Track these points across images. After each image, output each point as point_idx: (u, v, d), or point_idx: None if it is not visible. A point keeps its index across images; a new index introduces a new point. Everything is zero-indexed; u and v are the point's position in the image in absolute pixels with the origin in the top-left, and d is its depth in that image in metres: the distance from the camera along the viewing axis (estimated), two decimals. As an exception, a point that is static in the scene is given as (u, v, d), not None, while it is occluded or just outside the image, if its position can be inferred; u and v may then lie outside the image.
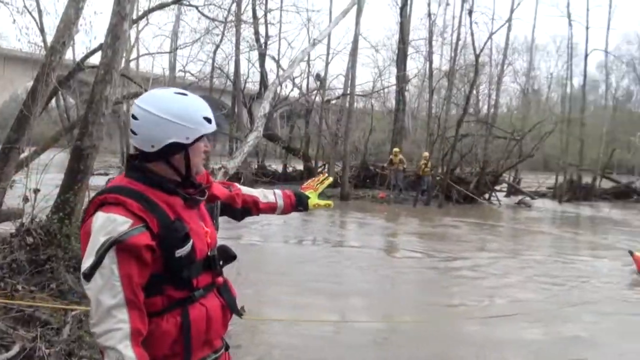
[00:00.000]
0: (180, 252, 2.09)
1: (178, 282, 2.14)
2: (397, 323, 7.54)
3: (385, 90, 33.89)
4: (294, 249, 12.63)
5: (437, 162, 22.58)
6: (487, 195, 24.21)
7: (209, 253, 2.26)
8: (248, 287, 8.03)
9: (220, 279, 2.32)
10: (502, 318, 7.67)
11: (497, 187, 25.83)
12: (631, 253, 11.36)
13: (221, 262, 2.36)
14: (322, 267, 10.73)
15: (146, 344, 2.05)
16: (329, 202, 3.07)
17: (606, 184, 29.85)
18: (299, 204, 2.96)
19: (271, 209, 2.90)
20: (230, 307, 2.34)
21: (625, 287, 10.29)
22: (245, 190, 2.85)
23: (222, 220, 2.64)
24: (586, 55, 32.11)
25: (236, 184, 2.85)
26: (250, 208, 2.83)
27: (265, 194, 2.91)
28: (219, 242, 2.37)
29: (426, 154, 22.82)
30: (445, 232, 16.26)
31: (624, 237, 16.64)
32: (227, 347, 2.44)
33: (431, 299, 8.84)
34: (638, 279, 10.71)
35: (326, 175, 3.19)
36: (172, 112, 2.12)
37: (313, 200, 2.99)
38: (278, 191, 2.97)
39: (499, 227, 18.40)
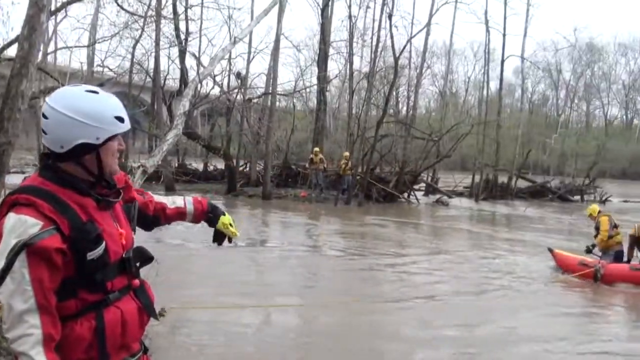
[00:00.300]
0: (92, 254, 2.05)
1: (92, 285, 2.10)
2: (318, 319, 7.65)
3: (307, 90, 34.25)
4: (215, 250, 12.41)
5: (358, 161, 22.89)
6: (406, 194, 24.78)
7: (124, 255, 2.21)
8: (168, 289, 7.79)
9: (136, 282, 2.27)
10: (418, 310, 8.07)
11: (416, 186, 26.51)
12: (551, 250, 11.87)
13: (138, 264, 2.32)
14: (244, 267, 10.69)
15: (61, 349, 2.01)
16: (237, 232, 2.91)
17: (522, 184, 31.08)
18: (211, 211, 2.84)
19: (180, 214, 2.79)
20: (147, 310, 2.30)
21: (542, 281, 10.70)
22: (156, 198, 2.75)
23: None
24: (503, 61, 33.33)
25: (149, 192, 2.76)
26: (159, 216, 2.73)
27: (173, 200, 2.81)
28: (136, 244, 2.33)
29: (347, 153, 23.25)
30: (366, 230, 16.53)
31: (540, 234, 17.49)
32: (145, 350, 2.41)
33: (353, 294, 8.93)
34: (557, 275, 11.22)
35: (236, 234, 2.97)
36: (81, 111, 2.06)
37: (226, 219, 2.85)
38: (189, 197, 2.87)
39: (419, 225, 18.96)
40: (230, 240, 2.90)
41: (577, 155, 36.36)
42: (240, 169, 26.24)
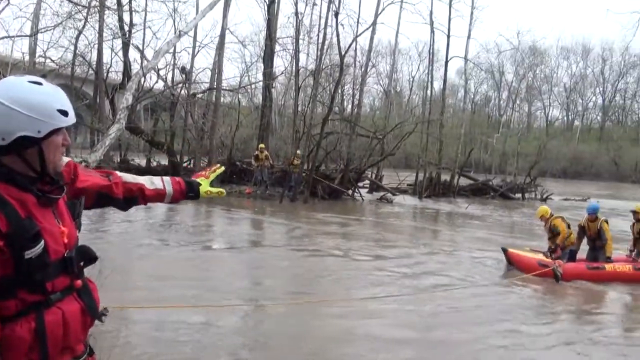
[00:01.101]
0: (30, 253, 1.98)
1: (31, 285, 2.02)
2: (266, 317, 7.68)
3: (252, 86, 34.36)
4: (161, 247, 12.25)
5: (303, 158, 23.18)
6: (350, 191, 25.18)
7: (65, 254, 2.13)
8: (112, 289, 7.45)
9: (79, 282, 2.20)
10: (370, 310, 8.02)
11: (360, 184, 27.00)
12: (505, 250, 12.13)
13: (81, 264, 2.23)
14: (190, 266, 10.56)
15: (2, 351, 1.97)
16: (221, 189, 2.99)
17: (464, 182, 32.01)
18: (190, 190, 2.83)
19: (159, 195, 2.75)
20: (91, 311, 2.24)
21: (495, 281, 10.96)
22: (129, 178, 2.69)
23: (83, 217, 2.43)
24: (446, 62, 34.15)
25: (117, 173, 2.69)
26: (136, 197, 2.68)
27: (152, 181, 2.75)
28: (81, 242, 2.26)
29: (299, 151, 23.43)
30: (311, 227, 16.61)
31: (482, 231, 18.14)
32: (91, 352, 2.35)
33: (299, 291, 9.11)
34: (513, 273, 11.46)
35: (219, 165, 3.08)
36: (23, 102, 2.00)
37: (205, 187, 2.88)
38: (167, 178, 2.82)
39: (364, 221, 19.27)
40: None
41: (518, 155, 37.43)
42: (184, 165, 26.14)
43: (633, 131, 78.33)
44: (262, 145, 24.56)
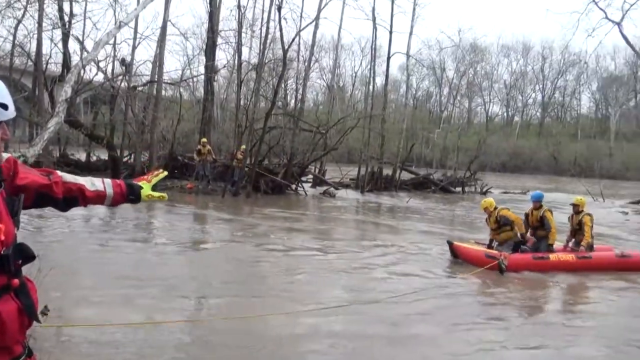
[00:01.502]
0: None
1: None
2: (211, 321, 7.24)
3: (194, 79, 34.19)
4: (102, 245, 11.79)
5: (246, 153, 23.18)
6: (294, 186, 25.38)
7: (2, 252, 2.08)
8: (52, 289, 7.26)
9: (16, 281, 2.15)
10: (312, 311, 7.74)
11: (304, 178, 27.25)
12: (450, 243, 12.35)
13: (19, 262, 2.18)
14: (131, 264, 10.18)
15: None
16: (163, 194, 2.94)
17: (406, 176, 32.60)
18: (131, 193, 2.77)
19: (99, 197, 2.67)
20: (28, 311, 2.19)
21: (439, 272, 11.03)
22: (69, 178, 2.61)
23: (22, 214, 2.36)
24: (389, 57, 34.55)
25: (58, 172, 2.60)
26: (76, 197, 2.59)
27: (93, 182, 2.67)
28: (19, 240, 2.21)
29: (244, 146, 23.41)
30: (255, 222, 16.43)
31: (424, 224, 18.51)
32: (30, 353, 2.30)
33: (243, 293, 8.71)
34: (460, 266, 11.65)
35: (161, 170, 3.04)
36: None
37: (146, 190, 2.83)
38: (107, 179, 2.74)
39: (308, 216, 19.40)
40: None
41: (458, 149, 38.19)
42: (125, 159, 25.89)
43: (572, 127, 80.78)
44: (204, 140, 24.48)
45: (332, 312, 7.51)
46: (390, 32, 32.97)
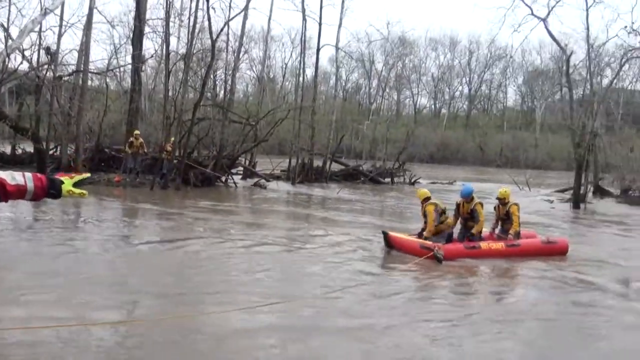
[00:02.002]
0: None
1: None
2: (136, 322, 6.91)
3: (121, 69, 33.67)
4: (24, 242, 11.50)
5: (175, 145, 23.02)
6: (224, 178, 25.37)
7: None
8: None
9: None
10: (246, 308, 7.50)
11: (234, 170, 27.30)
12: (385, 233, 12.59)
13: None
14: (61, 263, 9.75)
15: None
16: (84, 191, 2.94)
17: (336, 167, 33.02)
18: (52, 187, 2.76)
19: (20, 192, 2.65)
20: None
21: (374, 263, 11.32)
22: None
23: None
24: (318, 49, 34.67)
25: None
26: None
27: (13, 176, 2.64)
28: None
29: (172, 138, 23.21)
30: (185, 215, 16.38)
31: (354, 215, 18.94)
32: None
33: (176, 290, 8.50)
34: (390, 255, 12.05)
35: (87, 173, 3.07)
36: None
37: (67, 186, 2.83)
38: (28, 173, 2.71)
39: (239, 208, 19.56)
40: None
41: (387, 141, 38.77)
42: (51, 152, 25.32)
43: (498, 119, 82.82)
44: (137, 132, 24.17)
45: (268, 309, 7.39)
46: (320, 24, 33.20)
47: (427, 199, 12.63)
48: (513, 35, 78.26)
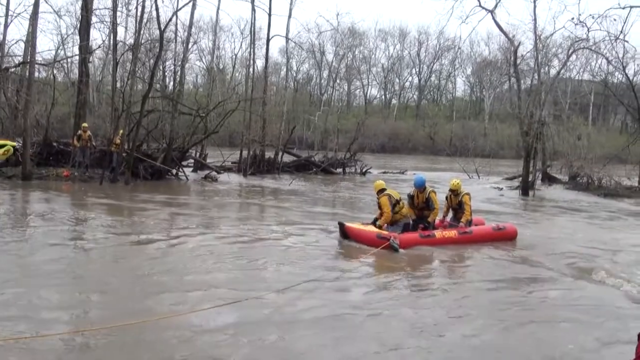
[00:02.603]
0: None
1: None
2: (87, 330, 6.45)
3: (69, 60, 33.14)
4: None
5: (124, 138, 22.77)
6: (174, 171, 25.27)
7: None
8: None
9: None
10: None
11: (184, 163, 27.20)
12: (342, 224, 12.74)
13: None
14: (3, 264, 9.34)
15: None
16: (9, 146, 2.48)
17: (288, 158, 33.19)
18: None
19: None
20: None
21: (331, 255, 11.38)
22: None
23: None
24: (268, 40, 34.63)
25: None
26: None
27: None
28: None
29: (122, 130, 22.92)
30: (135, 210, 16.18)
31: (308, 206, 19.12)
32: None
33: (128, 292, 8.18)
34: (348, 247, 12.13)
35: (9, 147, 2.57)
36: None
37: None
38: None
39: (190, 201, 19.44)
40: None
41: (339, 131, 39.02)
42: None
43: (447, 109, 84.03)
44: (85, 125, 23.91)
45: (226, 309, 7.29)
46: (269, 15, 33.18)
47: (382, 190, 12.86)
48: (461, 27, 79.34)
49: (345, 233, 12.62)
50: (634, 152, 32.25)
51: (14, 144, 22.59)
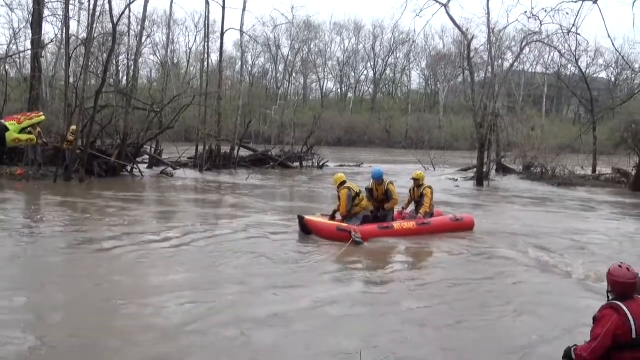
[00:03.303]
0: None
1: None
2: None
3: (21, 55, 32.46)
4: None
5: (77, 134, 22.31)
6: (129, 167, 25.00)
7: None
8: None
9: None
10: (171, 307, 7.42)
11: (139, 159, 26.95)
12: (301, 217, 12.83)
13: None
14: None
15: None
16: (32, 136, 2.61)
17: (244, 153, 33.10)
18: None
19: None
20: None
21: (290, 251, 11.34)
22: None
23: None
24: (222, 33, 34.37)
25: None
26: None
27: None
28: None
29: (74, 127, 22.49)
30: (90, 209, 15.70)
31: (265, 200, 19.24)
32: None
33: (84, 296, 7.92)
34: (308, 240, 12.29)
35: (40, 113, 2.67)
36: None
37: (13, 134, 2.53)
38: None
39: (145, 198, 19.42)
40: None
41: (295, 125, 39.06)
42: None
43: (403, 102, 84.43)
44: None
45: (195, 309, 7.30)
46: (223, 8, 32.94)
47: (343, 183, 12.99)
48: (416, 20, 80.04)
49: (305, 226, 12.71)
50: (586, 142, 33.02)
51: (41, 116, 22.06)
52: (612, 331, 4.23)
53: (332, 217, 12.91)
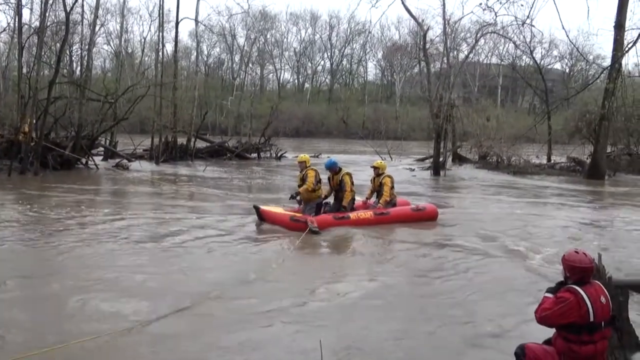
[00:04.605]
0: None
1: None
2: None
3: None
4: None
5: (31, 126, 21.97)
6: (84, 160, 24.70)
7: None
8: None
9: None
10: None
11: (94, 151, 26.61)
12: (257, 208, 12.87)
13: None
14: None
15: None
16: None
17: (201, 144, 32.90)
18: None
19: None
20: None
21: (250, 242, 11.11)
22: None
23: None
24: (177, 23, 34.20)
25: None
26: None
27: None
28: None
29: (29, 118, 22.04)
30: (46, 204, 14.96)
31: (222, 191, 19.11)
32: None
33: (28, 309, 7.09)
34: (263, 228, 12.37)
35: None
36: None
37: None
38: None
39: (101, 191, 19.13)
40: None
41: (252, 116, 39.06)
42: None
43: (359, 93, 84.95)
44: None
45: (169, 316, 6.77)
46: (177, -4, 32.67)
47: (308, 166, 13.18)
48: (372, 11, 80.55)
49: (261, 216, 12.81)
50: (541, 132, 33.65)
51: None
52: (565, 310, 4.46)
53: (297, 193, 12.97)
